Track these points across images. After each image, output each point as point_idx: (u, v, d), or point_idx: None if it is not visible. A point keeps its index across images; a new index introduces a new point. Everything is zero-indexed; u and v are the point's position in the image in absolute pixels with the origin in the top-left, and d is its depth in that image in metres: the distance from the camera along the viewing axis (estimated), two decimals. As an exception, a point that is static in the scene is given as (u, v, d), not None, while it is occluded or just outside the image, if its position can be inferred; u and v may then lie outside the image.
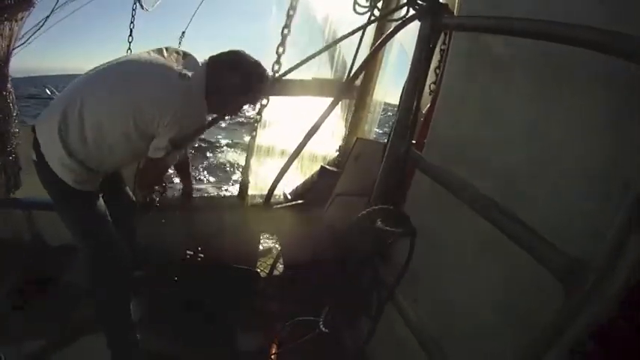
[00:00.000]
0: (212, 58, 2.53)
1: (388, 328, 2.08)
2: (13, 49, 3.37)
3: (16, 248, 4.01)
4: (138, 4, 4.47)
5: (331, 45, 3.50)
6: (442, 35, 2.06)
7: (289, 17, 3.09)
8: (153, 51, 2.52)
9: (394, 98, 2.40)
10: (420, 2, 1.86)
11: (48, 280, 3.59)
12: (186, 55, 2.56)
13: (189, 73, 2.39)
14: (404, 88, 2.07)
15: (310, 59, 2.79)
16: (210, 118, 2.65)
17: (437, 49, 2.06)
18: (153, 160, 2.43)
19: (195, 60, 2.55)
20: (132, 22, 4.33)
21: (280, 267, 3.78)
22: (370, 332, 2.12)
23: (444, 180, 1.62)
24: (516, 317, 1.36)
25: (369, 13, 2.65)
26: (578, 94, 1.22)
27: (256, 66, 2.55)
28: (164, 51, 2.51)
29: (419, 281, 1.92)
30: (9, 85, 3.45)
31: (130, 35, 4.40)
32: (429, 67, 1.96)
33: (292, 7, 3.09)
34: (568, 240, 1.09)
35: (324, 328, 2.03)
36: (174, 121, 2.29)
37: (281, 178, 2.60)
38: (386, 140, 2.18)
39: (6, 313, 3.32)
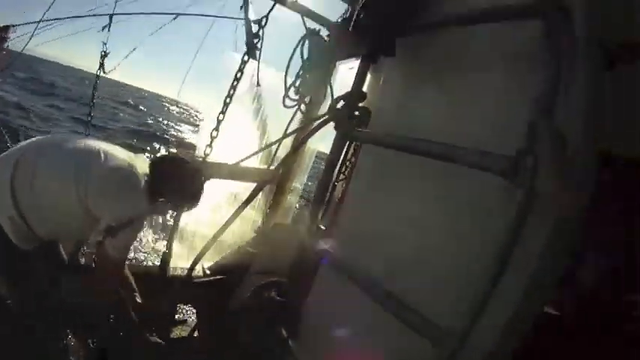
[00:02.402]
0: (154, 164, 2.79)
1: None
2: None
3: None
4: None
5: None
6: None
7: (226, 105, 3.38)
8: (111, 143, 2.76)
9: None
10: (337, 113, 2.19)
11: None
12: (138, 154, 2.83)
13: (140, 169, 2.62)
14: (317, 185, 2.38)
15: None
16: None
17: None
18: (98, 252, 2.59)
19: (145, 159, 2.82)
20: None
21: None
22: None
23: (342, 266, 1.89)
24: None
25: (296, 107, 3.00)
26: (454, 198, 1.57)
27: (192, 179, 2.84)
28: (116, 145, 2.74)
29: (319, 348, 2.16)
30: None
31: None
32: (341, 165, 2.28)
33: (229, 96, 3.39)
34: (445, 308, 1.38)
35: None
36: (113, 209, 2.49)
37: (204, 253, 2.77)
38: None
39: None
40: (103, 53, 4.96)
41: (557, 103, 1.22)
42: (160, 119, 36.79)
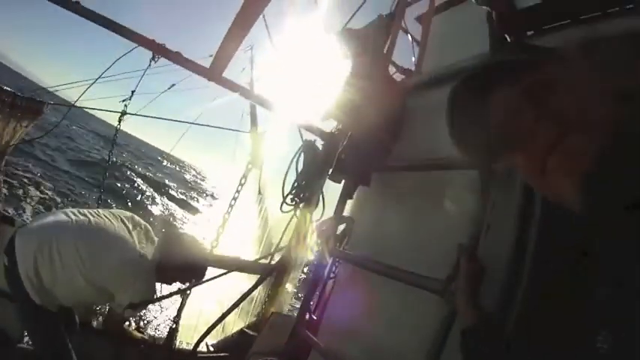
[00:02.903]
0: (164, 243, 3.28)
1: None
2: (9, 148, 3.90)
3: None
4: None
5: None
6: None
7: (231, 206, 3.89)
8: (124, 218, 3.21)
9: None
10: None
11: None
12: (147, 231, 3.28)
13: (148, 253, 3.11)
14: (309, 283, 2.88)
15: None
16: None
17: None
18: (113, 311, 3.10)
19: (152, 236, 3.29)
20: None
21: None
22: None
23: (327, 355, 2.39)
24: None
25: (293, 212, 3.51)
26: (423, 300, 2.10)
27: (195, 259, 3.34)
28: (127, 221, 3.19)
29: None
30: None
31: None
32: (329, 272, 2.79)
33: (234, 198, 3.90)
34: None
35: None
36: (131, 292, 2.97)
37: (210, 332, 3.15)
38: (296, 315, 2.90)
39: None
40: (123, 111, 5.42)
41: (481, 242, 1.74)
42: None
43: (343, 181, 2.74)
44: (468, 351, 1.50)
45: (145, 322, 7.63)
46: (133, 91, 5.27)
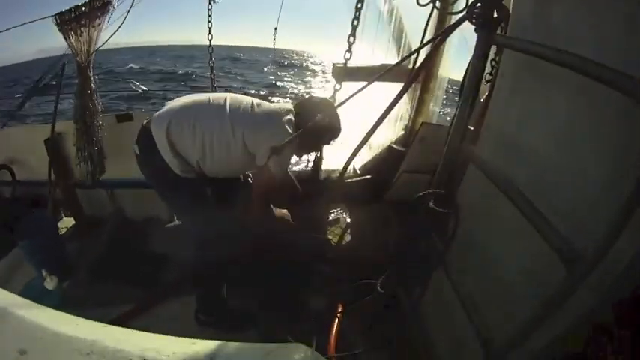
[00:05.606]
0: (302, 106, 3.15)
1: (439, 292, 2.50)
2: (93, 52, 3.92)
3: (101, 223, 4.64)
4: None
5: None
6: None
7: (358, 10, 3.37)
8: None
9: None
10: (476, 16, 2.09)
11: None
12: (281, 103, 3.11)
13: (287, 110, 3.01)
14: (461, 87, 2.36)
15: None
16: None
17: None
18: (261, 169, 2.94)
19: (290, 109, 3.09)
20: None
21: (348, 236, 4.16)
22: (421, 293, 2.49)
23: (489, 173, 1.96)
24: (537, 282, 1.70)
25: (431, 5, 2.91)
26: (604, 107, 1.47)
27: (333, 122, 3.18)
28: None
29: (467, 254, 2.32)
30: (92, 84, 4.00)
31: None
32: (484, 70, 2.23)
33: (358, 9, 3.37)
34: (583, 227, 1.41)
35: (381, 290, 2.45)
36: (272, 140, 2.86)
37: (354, 156, 2.91)
38: (449, 124, 2.49)
39: (93, 280, 3.86)
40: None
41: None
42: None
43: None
44: None
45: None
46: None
